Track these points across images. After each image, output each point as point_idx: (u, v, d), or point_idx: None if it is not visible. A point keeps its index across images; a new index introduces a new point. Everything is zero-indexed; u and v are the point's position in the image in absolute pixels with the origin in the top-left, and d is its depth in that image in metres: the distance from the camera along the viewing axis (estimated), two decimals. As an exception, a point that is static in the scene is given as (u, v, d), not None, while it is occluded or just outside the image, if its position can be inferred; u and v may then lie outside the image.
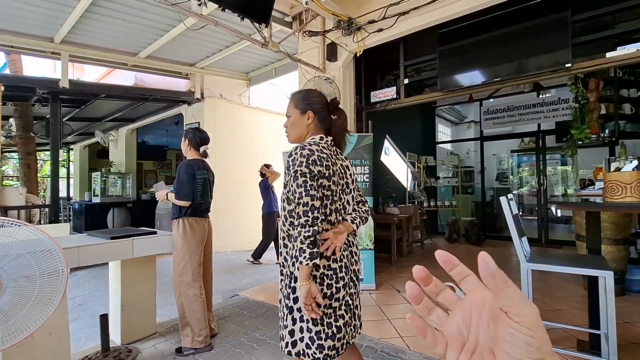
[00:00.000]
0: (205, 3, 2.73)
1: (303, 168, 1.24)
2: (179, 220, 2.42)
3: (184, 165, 2.46)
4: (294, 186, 1.24)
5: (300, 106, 1.40)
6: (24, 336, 1.22)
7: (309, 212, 1.20)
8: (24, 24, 4.10)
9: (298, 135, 1.42)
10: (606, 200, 1.89)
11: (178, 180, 2.41)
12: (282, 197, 1.38)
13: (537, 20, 3.33)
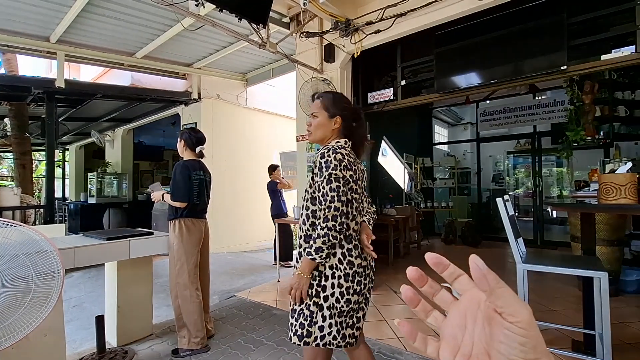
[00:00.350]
0: (203, 3, 2.72)
1: (338, 172, 1.28)
2: (175, 221, 2.41)
3: (180, 166, 2.45)
4: (326, 189, 1.27)
5: (330, 110, 1.43)
6: (19, 338, 1.21)
7: (338, 217, 1.25)
8: (20, 23, 4.07)
9: (322, 137, 1.45)
10: (601, 201, 1.91)
11: (174, 181, 2.40)
12: (305, 195, 1.40)
13: (533, 22, 3.35)
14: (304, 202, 1.40)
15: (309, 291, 1.33)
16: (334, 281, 1.32)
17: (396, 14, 3.46)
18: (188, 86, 6.28)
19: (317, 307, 1.32)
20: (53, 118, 4.83)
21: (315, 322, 1.31)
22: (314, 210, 1.34)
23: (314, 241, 1.27)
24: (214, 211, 4.10)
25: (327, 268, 1.33)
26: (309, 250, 1.28)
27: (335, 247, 1.31)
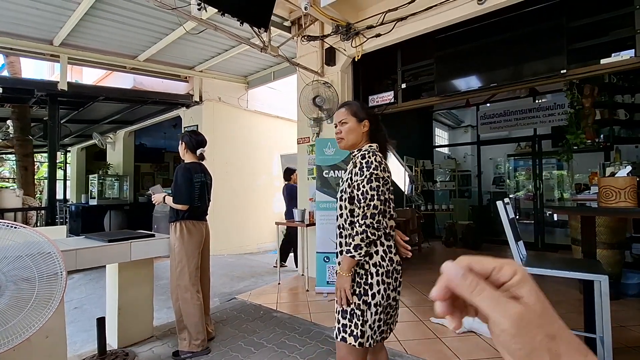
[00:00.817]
0: (205, 7, 2.75)
1: (379, 172, 1.36)
2: (177, 223, 2.42)
3: (181, 169, 2.46)
4: (367, 187, 1.33)
5: (359, 115, 1.50)
6: (22, 339, 1.22)
7: (376, 215, 1.31)
8: (23, 26, 4.11)
9: (354, 141, 1.50)
10: (601, 205, 1.92)
11: (175, 184, 2.41)
12: (342, 195, 1.44)
13: (532, 26, 3.37)
14: (341, 203, 1.44)
15: (356, 290, 1.36)
16: (378, 278, 1.36)
17: (397, 18, 3.48)
18: (190, 89, 6.31)
19: (366, 306, 1.35)
20: (55, 120, 4.85)
21: (366, 320, 1.35)
22: (352, 209, 1.39)
23: (352, 239, 1.32)
24: (214, 213, 4.12)
25: (372, 266, 1.37)
26: (348, 249, 1.33)
27: (374, 244, 1.36)
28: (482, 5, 3.03)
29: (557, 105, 5.98)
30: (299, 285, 4.07)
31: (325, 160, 3.78)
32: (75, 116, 6.61)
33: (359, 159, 1.41)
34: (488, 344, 2.48)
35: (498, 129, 6.77)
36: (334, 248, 3.78)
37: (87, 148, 10.53)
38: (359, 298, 1.36)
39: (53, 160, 4.80)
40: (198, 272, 2.48)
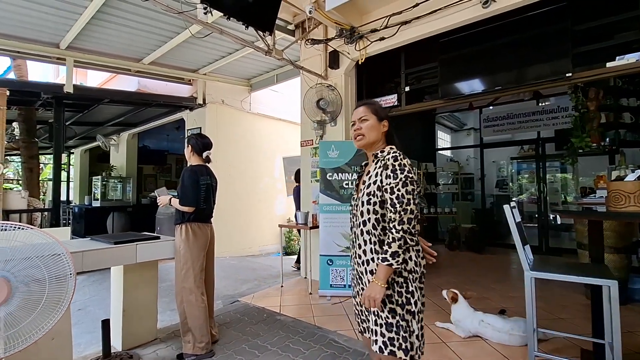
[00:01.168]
0: (211, 11, 2.77)
1: (413, 176, 1.31)
2: (182, 225, 2.42)
3: (188, 171, 2.47)
4: (402, 191, 1.27)
5: (380, 114, 1.47)
6: (32, 341, 1.22)
7: (412, 220, 1.26)
8: (31, 30, 4.14)
9: (374, 139, 1.45)
10: (609, 209, 1.91)
11: (182, 186, 2.42)
12: (369, 199, 1.35)
13: (537, 30, 3.37)
14: (368, 207, 1.34)
15: (398, 300, 1.30)
16: (416, 285, 1.32)
17: (401, 21, 3.49)
18: (193, 91, 6.34)
19: (410, 315, 1.30)
20: (61, 122, 4.88)
21: (413, 331, 1.30)
22: (383, 214, 1.32)
23: (389, 246, 1.25)
24: (217, 215, 4.12)
25: (409, 272, 1.32)
26: (384, 256, 1.25)
27: (407, 250, 1.30)
28: (486, 9, 3.04)
29: (561, 108, 5.97)
30: (302, 288, 4.06)
31: (329, 163, 3.78)
32: (80, 118, 6.65)
33: (390, 161, 1.33)
34: (493, 348, 2.46)
35: (501, 132, 6.75)
36: (338, 251, 3.76)
37: (90, 150, 10.58)
38: (402, 308, 1.29)
39: (58, 162, 4.82)
40: (203, 275, 2.48)
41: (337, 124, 4.21)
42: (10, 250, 1.22)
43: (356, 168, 3.73)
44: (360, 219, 1.38)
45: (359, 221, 1.39)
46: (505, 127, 6.68)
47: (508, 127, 6.65)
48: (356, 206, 1.44)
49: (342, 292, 3.66)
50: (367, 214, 1.35)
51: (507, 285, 4.07)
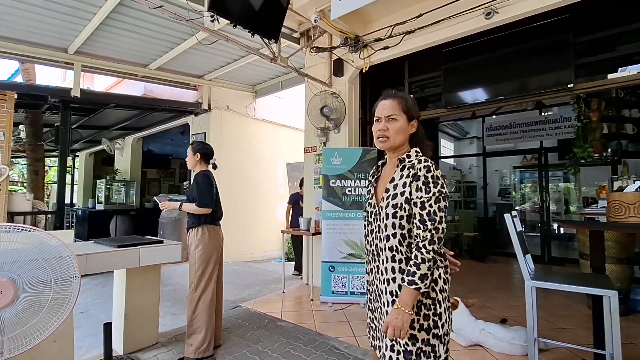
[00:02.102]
0: (218, 19, 2.82)
1: (445, 191, 1.18)
2: (198, 227, 2.48)
3: (202, 175, 2.56)
4: (434, 208, 1.14)
5: (411, 112, 1.27)
6: (36, 342, 1.24)
7: (442, 239, 1.14)
8: (40, 34, 4.23)
9: (401, 142, 1.27)
10: (610, 219, 1.91)
11: (199, 189, 2.47)
12: (398, 212, 1.20)
13: (540, 41, 3.41)
14: (394, 221, 1.20)
15: (424, 324, 1.17)
16: (445, 305, 1.20)
17: (405, 31, 3.54)
18: (199, 97, 6.41)
19: (437, 340, 1.17)
20: (67, 126, 4.95)
21: (439, 355, 1.17)
22: (410, 229, 1.19)
23: (417, 267, 1.12)
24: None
25: (438, 292, 1.19)
26: (411, 279, 1.12)
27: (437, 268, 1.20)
28: (489, 20, 3.08)
29: (564, 118, 5.98)
30: (303, 294, 4.06)
31: (332, 170, 3.80)
32: (86, 122, 6.73)
33: (423, 172, 1.18)
34: (495, 357, 2.45)
35: (504, 141, 6.76)
36: (340, 258, 3.76)
37: (95, 153, 10.68)
38: (428, 332, 1.16)
39: (63, 165, 4.87)
40: (215, 276, 2.53)
41: (341, 131, 4.24)
42: (16, 252, 1.25)
43: (359, 175, 3.75)
44: (384, 233, 1.23)
45: (383, 235, 1.23)
46: (508, 136, 6.69)
47: (511, 136, 6.66)
48: (377, 215, 1.27)
49: (344, 299, 3.65)
50: (392, 228, 1.21)
51: (509, 294, 4.05)
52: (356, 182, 3.77)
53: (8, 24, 3.96)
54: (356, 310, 3.49)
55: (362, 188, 3.75)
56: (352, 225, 3.71)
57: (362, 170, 3.77)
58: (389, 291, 1.21)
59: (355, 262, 3.69)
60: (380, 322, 1.27)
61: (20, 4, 3.56)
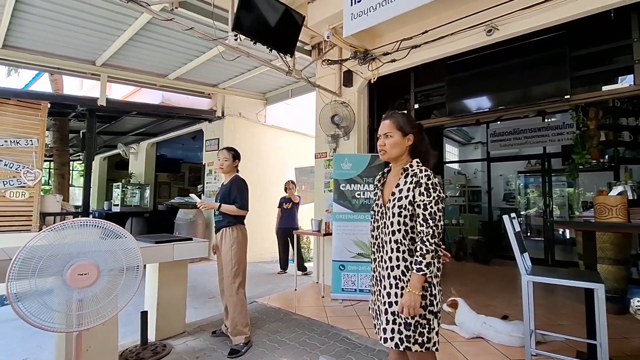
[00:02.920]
0: (240, 37, 3.11)
1: (443, 195, 1.45)
2: (234, 227, 2.73)
3: (242, 180, 2.87)
4: (434, 209, 1.41)
5: (404, 129, 1.55)
6: (107, 318, 1.49)
7: (440, 234, 1.41)
8: (72, 49, 4.56)
9: (397, 154, 1.55)
10: (596, 220, 2.13)
11: (240, 192, 2.75)
12: (402, 212, 1.46)
13: (538, 54, 3.64)
14: (399, 219, 1.46)
15: (422, 302, 1.42)
16: (438, 288, 1.46)
17: (411, 45, 3.80)
18: (213, 105, 6.72)
19: (432, 315, 1.44)
20: (93, 132, 5.27)
21: (433, 328, 1.44)
22: (413, 226, 1.46)
23: (423, 257, 1.38)
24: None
25: (432, 277, 1.45)
26: (419, 267, 1.38)
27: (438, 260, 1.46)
28: (490, 36, 3.32)
29: (566, 124, 6.16)
30: (314, 292, 4.29)
31: (343, 175, 4.05)
32: (106, 128, 7.08)
33: (424, 180, 1.44)
34: (494, 347, 2.66)
35: (508, 147, 6.95)
36: (349, 257, 3.98)
37: (109, 158, 11.06)
38: (425, 309, 1.42)
39: (89, 169, 5.20)
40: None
41: (350, 138, 4.49)
42: (98, 243, 1.52)
43: (368, 179, 4.00)
44: (389, 228, 1.49)
45: (389, 230, 1.49)
46: (512, 141, 6.87)
47: (514, 142, 6.84)
48: (383, 214, 1.54)
49: (354, 296, 3.88)
50: (397, 224, 1.46)
51: (511, 294, 4.24)
52: (365, 186, 4.01)
53: (43, 40, 4.30)
54: (365, 306, 3.71)
55: (371, 192, 3.99)
56: (361, 226, 3.95)
57: (371, 175, 4.01)
58: (393, 276, 1.48)
59: (364, 262, 3.92)
60: (378, 303, 1.56)
61: (57, 22, 3.88)
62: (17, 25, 3.92)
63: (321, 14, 3.72)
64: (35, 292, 1.35)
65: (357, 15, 3.28)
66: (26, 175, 4.43)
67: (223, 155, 2.88)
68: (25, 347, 2.81)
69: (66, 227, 1.42)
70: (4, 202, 4.31)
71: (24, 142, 4.48)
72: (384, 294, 1.50)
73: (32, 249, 1.39)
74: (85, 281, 1.40)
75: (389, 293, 1.48)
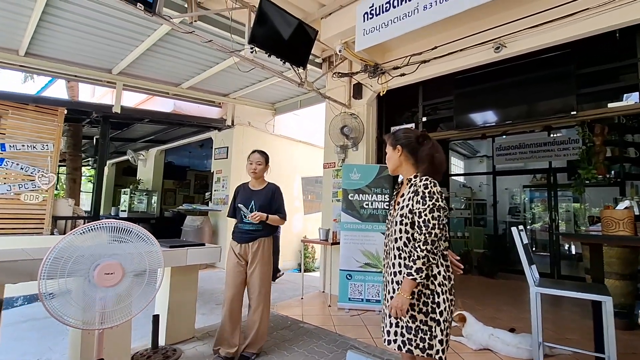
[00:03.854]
0: (256, 50, 3.23)
1: (441, 203, 1.49)
2: (270, 238, 2.62)
3: (279, 189, 2.74)
4: (429, 217, 1.46)
5: (392, 143, 1.70)
6: (130, 317, 1.55)
7: (436, 241, 1.45)
8: (90, 57, 4.72)
9: (393, 166, 1.70)
10: (603, 233, 2.17)
11: (282, 202, 2.69)
12: (402, 219, 1.55)
13: (545, 71, 3.73)
14: (400, 227, 1.55)
15: (423, 309, 1.49)
16: (444, 296, 1.50)
17: (420, 60, 3.90)
18: (223, 113, 6.86)
19: (434, 322, 1.48)
20: (106, 139, 5.40)
21: (435, 335, 1.47)
22: (412, 233, 1.52)
23: (413, 262, 1.45)
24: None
25: (437, 286, 1.50)
26: (409, 272, 1.45)
27: (435, 266, 1.50)
28: (498, 53, 3.42)
29: (572, 140, 6.20)
30: (321, 301, 4.30)
31: (351, 185, 4.11)
32: (118, 135, 7.23)
33: (421, 188, 1.52)
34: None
35: (513, 161, 6.99)
36: (357, 266, 4.02)
37: (117, 164, 11.21)
38: (426, 315, 1.49)
39: (101, 175, 5.30)
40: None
41: (359, 149, 4.57)
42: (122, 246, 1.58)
43: (376, 190, 4.05)
44: (393, 236, 1.60)
45: (393, 237, 1.60)
46: (518, 156, 6.91)
47: (520, 156, 6.88)
48: (391, 223, 1.65)
49: (360, 306, 3.89)
50: (399, 232, 1.56)
51: (518, 307, 4.22)
52: (373, 197, 4.06)
53: (64, 49, 4.46)
54: (372, 316, 3.72)
55: (379, 202, 4.04)
56: (368, 236, 3.99)
57: (379, 186, 4.07)
58: (395, 281, 1.58)
59: (371, 271, 3.95)
60: (383, 307, 1.67)
61: (80, 32, 4.04)
62: (41, 34, 4.08)
63: (334, 28, 3.85)
64: (65, 290, 1.41)
65: (370, 30, 3.40)
66: (41, 179, 4.54)
67: (256, 158, 2.68)
68: (37, 348, 2.85)
69: (96, 229, 1.49)
70: (18, 204, 4.41)
71: (40, 147, 4.60)
72: (389, 297, 1.61)
73: (61, 249, 1.45)
74: (111, 280, 1.46)
75: (393, 298, 1.56)
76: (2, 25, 3.86)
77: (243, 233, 2.58)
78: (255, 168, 2.66)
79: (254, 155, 2.71)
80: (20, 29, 3.94)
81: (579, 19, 2.98)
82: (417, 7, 3.04)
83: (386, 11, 3.29)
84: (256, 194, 2.67)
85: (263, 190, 2.69)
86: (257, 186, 2.72)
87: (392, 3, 3.24)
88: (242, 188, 2.78)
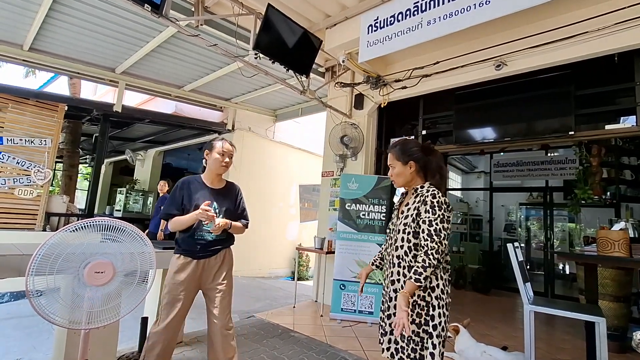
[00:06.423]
0: (260, 56, 3.26)
1: (448, 214, 1.50)
2: (230, 248, 2.34)
3: (241, 189, 2.53)
4: (439, 227, 1.45)
5: (402, 159, 1.63)
6: (118, 318, 1.52)
7: (443, 251, 1.45)
8: (94, 55, 4.75)
9: (404, 182, 1.66)
10: (599, 254, 2.17)
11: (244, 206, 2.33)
12: (407, 229, 1.53)
13: (544, 91, 3.78)
14: (403, 235, 1.54)
15: (416, 320, 1.47)
16: (440, 311, 1.48)
17: (422, 74, 3.95)
18: (224, 118, 6.88)
19: (427, 335, 1.47)
20: (105, 137, 5.38)
21: (427, 347, 1.46)
22: (416, 243, 1.51)
23: (423, 269, 1.41)
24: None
25: (434, 299, 1.48)
26: (417, 277, 1.41)
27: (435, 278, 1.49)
28: (498, 71, 3.47)
29: (569, 159, 6.25)
30: (313, 310, 4.25)
31: (349, 194, 4.11)
32: (117, 134, 7.21)
33: (429, 198, 1.50)
34: (495, 379, 2.62)
35: (510, 178, 7.03)
36: (350, 277, 3.98)
37: (114, 163, 11.16)
38: (419, 327, 1.47)
39: (97, 173, 5.27)
40: None
41: (358, 159, 4.58)
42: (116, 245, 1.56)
43: (373, 200, 4.05)
44: (394, 244, 1.59)
45: (394, 246, 1.59)
46: (515, 173, 6.96)
47: (517, 173, 6.92)
48: (393, 231, 1.64)
49: (353, 317, 3.85)
50: (401, 241, 1.55)
51: (510, 325, 4.19)
52: (370, 207, 4.05)
53: (68, 45, 4.48)
54: (364, 328, 3.68)
55: (376, 213, 4.03)
56: (364, 246, 3.97)
57: (376, 196, 4.06)
58: (393, 289, 1.58)
59: (365, 283, 3.90)
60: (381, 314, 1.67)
61: (85, 30, 4.07)
62: (46, 30, 4.10)
63: (338, 39, 3.89)
64: (53, 288, 1.38)
65: (373, 43, 3.44)
66: (36, 174, 4.50)
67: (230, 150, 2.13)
68: (20, 347, 2.79)
69: (88, 226, 1.47)
70: (12, 199, 4.37)
71: (38, 142, 4.58)
72: (386, 306, 1.63)
73: (52, 246, 1.43)
74: (101, 279, 1.43)
75: (389, 306, 1.59)
76: (8, 19, 3.88)
77: (205, 245, 2.00)
78: (229, 163, 2.09)
79: (227, 146, 2.10)
80: (26, 24, 3.97)
81: (579, 41, 3.04)
82: (421, 22, 3.09)
83: (390, 24, 3.33)
84: (218, 194, 2.07)
85: (225, 190, 2.13)
86: (217, 184, 2.11)
87: (396, 17, 3.28)
88: (193, 184, 2.08)
